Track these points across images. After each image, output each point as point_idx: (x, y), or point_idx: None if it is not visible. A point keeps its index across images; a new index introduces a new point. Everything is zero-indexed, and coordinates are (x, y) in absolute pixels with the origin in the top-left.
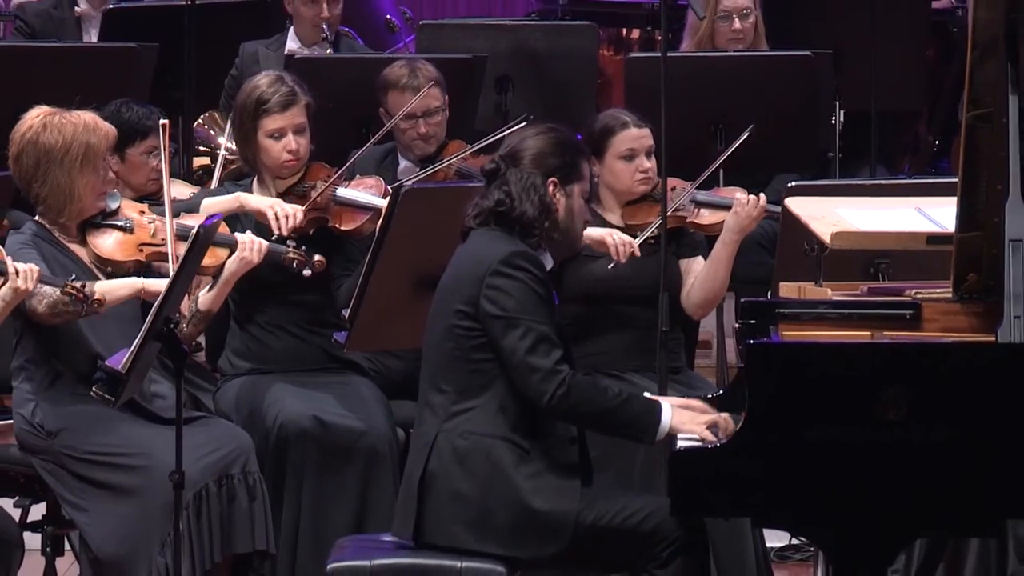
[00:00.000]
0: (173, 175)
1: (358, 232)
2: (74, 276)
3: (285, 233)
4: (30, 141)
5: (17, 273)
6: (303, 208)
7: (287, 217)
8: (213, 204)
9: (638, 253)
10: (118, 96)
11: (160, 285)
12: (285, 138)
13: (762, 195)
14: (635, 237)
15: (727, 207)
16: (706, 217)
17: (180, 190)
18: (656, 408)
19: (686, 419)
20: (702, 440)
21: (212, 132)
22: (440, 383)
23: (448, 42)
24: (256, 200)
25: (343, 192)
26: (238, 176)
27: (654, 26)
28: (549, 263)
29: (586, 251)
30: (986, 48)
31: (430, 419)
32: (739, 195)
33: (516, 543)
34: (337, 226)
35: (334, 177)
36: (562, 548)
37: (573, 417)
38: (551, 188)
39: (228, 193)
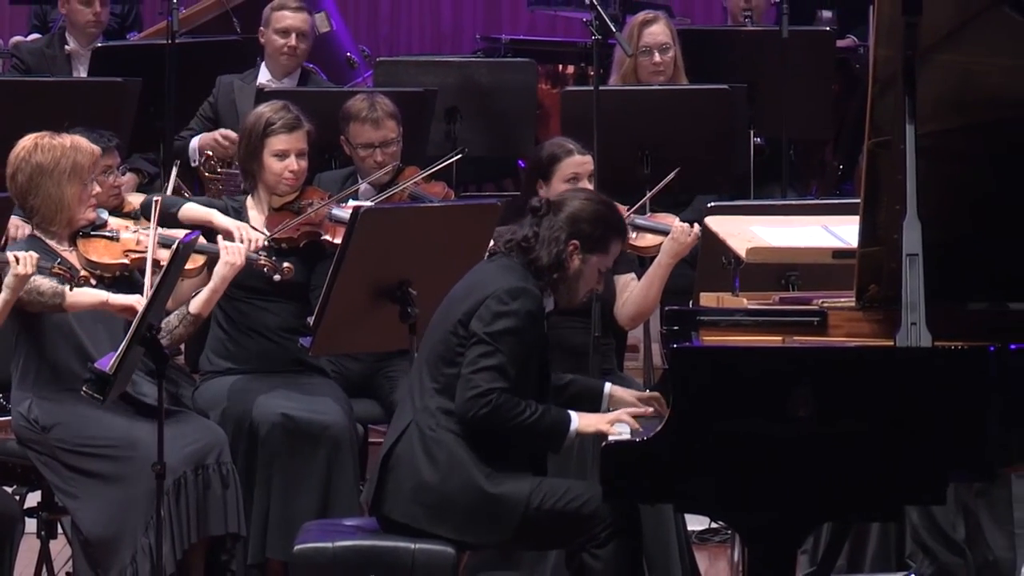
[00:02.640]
0: (157, 191)
1: None
2: (59, 260)
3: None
4: (24, 160)
5: (17, 260)
6: (268, 236)
7: (249, 241)
8: (192, 211)
9: None
10: (106, 126)
11: (123, 301)
12: (288, 159)
13: (696, 225)
14: None
15: (664, 232)
16: (643, 240)
17: (138, 199)
18: (564, 421)
19: (592, 421)
20: (631, 432)
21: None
22: (426, 378)
23: (402, 77)
24: (225, 220)
25: (337, 211)
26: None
27: (587, 62)
28: (550, 306)
29: None
30: (885, 83)
31: (409, 406)
32: (676, 223)
33: (468, 529)
34: (330, 239)
35: (333, 198)
36: (509, 536)
37: (491, 429)
38: (571, 248)
39: (228, 203)
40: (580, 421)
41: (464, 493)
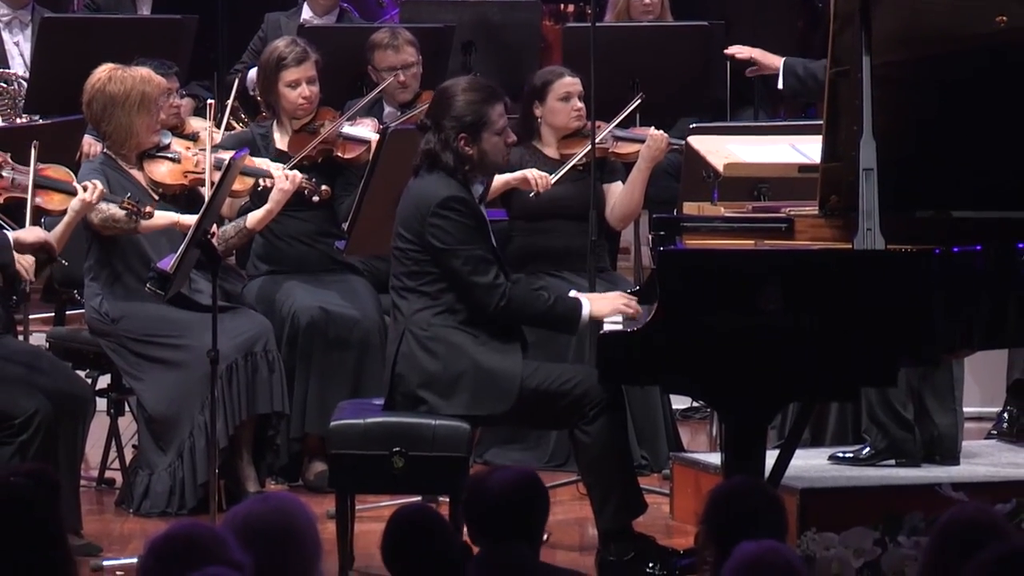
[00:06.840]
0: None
1: (356, 160)
2: (129, 194)
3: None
4: (99, 90)
5: (85, 188)
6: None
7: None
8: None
9: (551, 184)
10: (166, 57)
11: (190, 221)
12: (300, 87)
13: (667, 134)
14: (568, 164)
15: (640, 141)
16: (623, 147)
17: (200, 124)
18: (577, 305)
19: (604, 304)
20: (623, 323)
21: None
22: (402, 291)
23: (425, 14)
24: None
25: (347, 129)
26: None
27: (585, 2)
28: (480, 189)
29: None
30: (845, 19)
31: (399, 318)
32: (652, 132)
33: (475, 403)
34: (341, 155)
35: (342, 118)
36: (511, 406)
37: (512, 321)
38: (462, 143)
39: (255, 132)
40: (593, 305)
41: (467, 371)
